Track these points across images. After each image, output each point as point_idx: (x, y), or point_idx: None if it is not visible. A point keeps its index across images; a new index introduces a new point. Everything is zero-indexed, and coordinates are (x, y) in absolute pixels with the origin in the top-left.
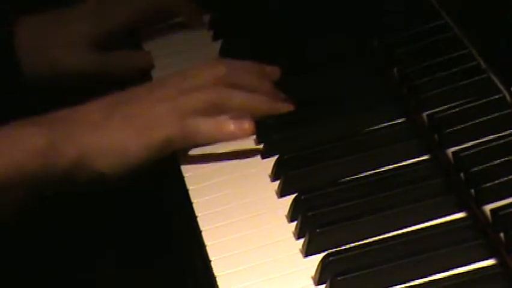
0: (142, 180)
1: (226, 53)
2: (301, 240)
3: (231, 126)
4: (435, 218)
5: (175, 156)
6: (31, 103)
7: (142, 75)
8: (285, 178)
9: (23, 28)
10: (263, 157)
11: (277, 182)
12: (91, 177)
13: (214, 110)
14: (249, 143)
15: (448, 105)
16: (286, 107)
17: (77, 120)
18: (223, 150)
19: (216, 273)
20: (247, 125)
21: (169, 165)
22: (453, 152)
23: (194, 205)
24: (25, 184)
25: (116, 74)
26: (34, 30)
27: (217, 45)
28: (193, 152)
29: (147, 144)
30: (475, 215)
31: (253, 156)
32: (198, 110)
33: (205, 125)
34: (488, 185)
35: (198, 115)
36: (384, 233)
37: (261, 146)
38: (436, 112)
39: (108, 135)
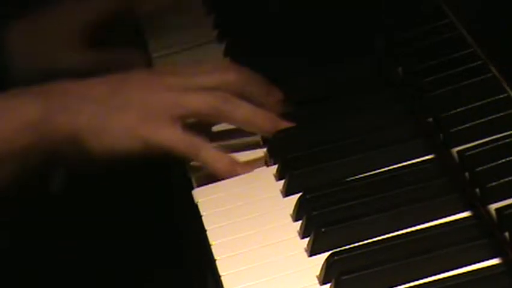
0: (145, 180)
1: (230, 53)
2: (306, 240)
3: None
4: (440, 217)
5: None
6: None
7: None
8: (290, 177)
9: (15, 33)
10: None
11: (282, 181)
12: (81, 155)
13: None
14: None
15: (453, 105)
16: (288, 125)
17: (77, 94)
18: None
19: (220, 273)
20: (227, 160)
21: (175, 165)
22: (458, 152)
23: (199, 205)
24: (16, 155)
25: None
26: (26, 34)
27: (221, 46)
28: None
29: (142, 137)
30: (480, 214)
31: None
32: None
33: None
34: (493, 184)
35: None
36: (389, 232)
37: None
38: (441, 111)
39: (106, 114)
